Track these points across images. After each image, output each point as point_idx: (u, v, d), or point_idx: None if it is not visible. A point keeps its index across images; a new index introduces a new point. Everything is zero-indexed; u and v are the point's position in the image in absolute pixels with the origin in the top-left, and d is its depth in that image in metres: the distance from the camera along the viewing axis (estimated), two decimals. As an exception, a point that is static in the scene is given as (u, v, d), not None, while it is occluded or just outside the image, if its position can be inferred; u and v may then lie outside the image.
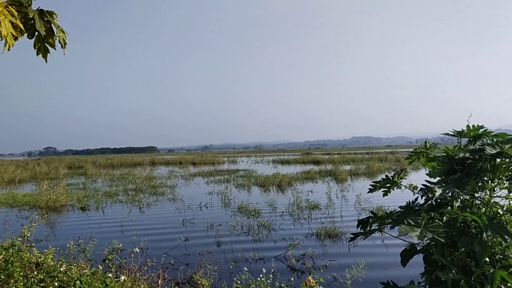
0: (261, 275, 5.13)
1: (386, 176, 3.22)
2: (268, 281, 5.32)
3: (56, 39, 2.74)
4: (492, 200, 2.75)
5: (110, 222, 13.64)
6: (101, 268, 5.66)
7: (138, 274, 6.49)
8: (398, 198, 5.81)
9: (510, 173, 2.75)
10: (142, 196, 20.40)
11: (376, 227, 2.95)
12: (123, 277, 5.42)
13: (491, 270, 2.34)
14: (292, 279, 6.40)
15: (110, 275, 5.35)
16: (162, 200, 19.21)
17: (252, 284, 5.03)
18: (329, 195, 18.57)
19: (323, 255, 8.83)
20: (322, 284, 5.24)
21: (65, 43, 2.79)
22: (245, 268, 6.09)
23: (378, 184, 3.25)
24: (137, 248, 6.76)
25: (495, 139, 2.71)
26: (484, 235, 2.54)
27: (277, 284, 5.57)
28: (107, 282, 5.07)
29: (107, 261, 5.85)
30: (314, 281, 4.83)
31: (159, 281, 6.44)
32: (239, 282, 5.53)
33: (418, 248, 2.80)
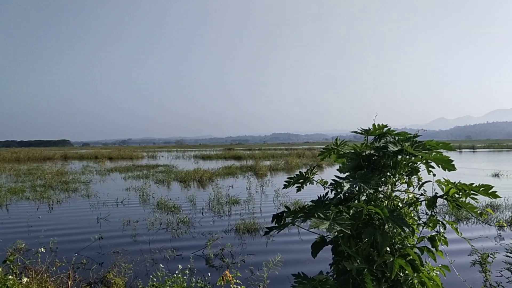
0: (176, 272, 5.06)
1: (300, 172, 3.34)
2: (185, 277, 5.26)
3: None
4: (394, 194, 2.97)
5: (15, 221, 12.59)
6: (1, 270, 5.20)
7: (45, 275, 6.06)
8: (315, 192, 6.06)
9: (410, 169, 2.99)
10: (52, 192, 19.10)
11: (290, 221, 3.04)
12: (25, 279, 5.02)
13: (391, 259, 2.53)
14: (209, 274, 6.40)
15: (11, 277, 4.93)
16: (75, 196, 18.14)
17: (168, 281, 4.94)
18: (249, 190, 18.87)
19: (242, 249, 8.94)
20: (239, 278, 5.30)
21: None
22: (161, 265, 5.97)
23: (292, 180, 3.35)
24: (42, 248, 6.31)
25: (397, 138, 2.92)
26: (386, 226, 2.74)
27: (194, 280, 5.54)
28: (8, 285, 4.68)
29: (8, 262, 5.39)
30: (231, 276, 4.87)
31: (69, 282, 6.08)
32: (155, 279, 5.40)
33: (327, 240, 2.94)
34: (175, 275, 4.93)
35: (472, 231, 10.24)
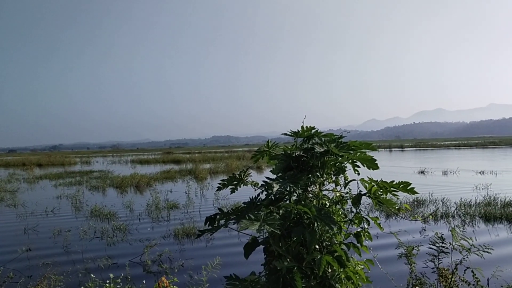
0: (108, 281, 4.89)
1: (233, 173, 3.37)
2: (118, 286, 5.10)
3: None
4: (322, 193, 3.09)
5: None
6: None
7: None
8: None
9: (337, 168, 3.13)
10: (-27, 203, 17.69)
11: (223, 223, 3.06)
12: None
13: (319, 256, 2.63)
14: (144, 281, 6.25)
15: None
16: (0, 207, 16.92)
17: (101, 291, 4.76)
18: (189, 194, 18.67)
19: (181, 254, 8.82)
20: (177, 283, 5.23)
21: None
22: (92, 275, 5.73)
23: (226, 182, 3.38)
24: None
25: (323, 139, 3.05)
26: (315, 224, 2.85)
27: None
28: None
29: None
30: (167, 282, 4.79)
31: (-9, 300, 5.66)
32: (87, 291, 5.17)
33: (260, 241, 3.00)
34: (107, 285, 4.75)
35: (400, 226, 10.85)
